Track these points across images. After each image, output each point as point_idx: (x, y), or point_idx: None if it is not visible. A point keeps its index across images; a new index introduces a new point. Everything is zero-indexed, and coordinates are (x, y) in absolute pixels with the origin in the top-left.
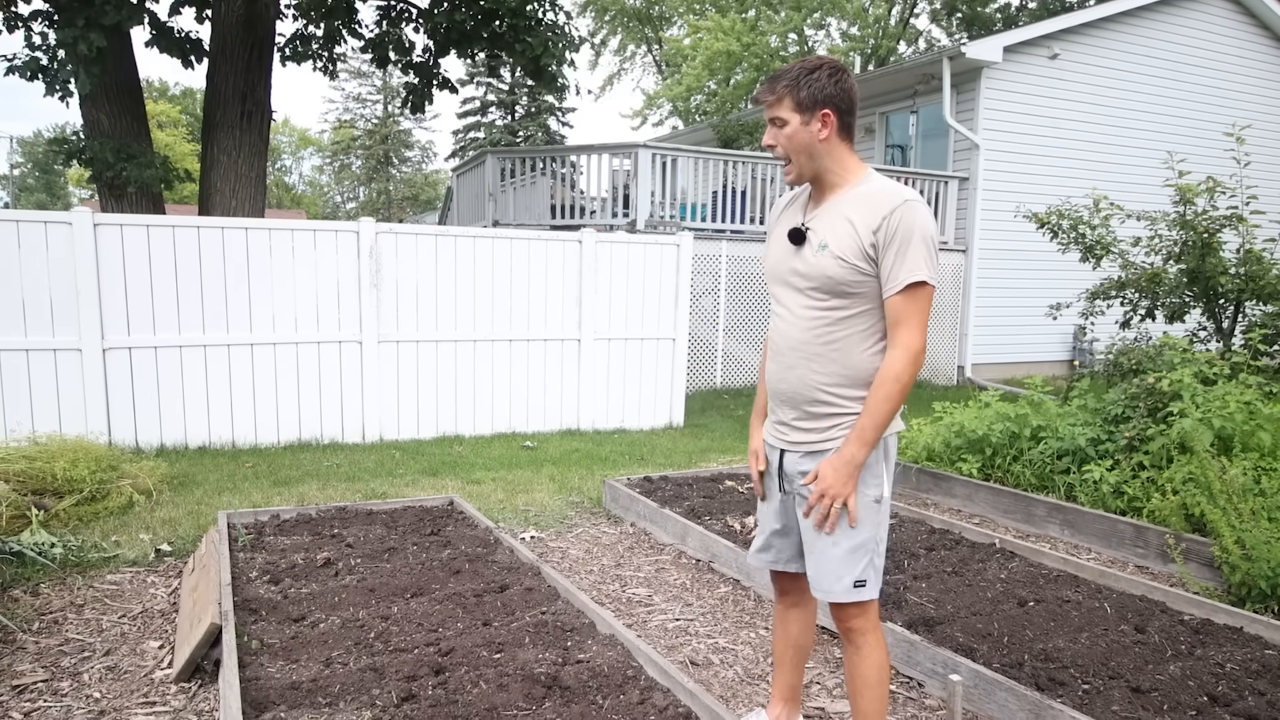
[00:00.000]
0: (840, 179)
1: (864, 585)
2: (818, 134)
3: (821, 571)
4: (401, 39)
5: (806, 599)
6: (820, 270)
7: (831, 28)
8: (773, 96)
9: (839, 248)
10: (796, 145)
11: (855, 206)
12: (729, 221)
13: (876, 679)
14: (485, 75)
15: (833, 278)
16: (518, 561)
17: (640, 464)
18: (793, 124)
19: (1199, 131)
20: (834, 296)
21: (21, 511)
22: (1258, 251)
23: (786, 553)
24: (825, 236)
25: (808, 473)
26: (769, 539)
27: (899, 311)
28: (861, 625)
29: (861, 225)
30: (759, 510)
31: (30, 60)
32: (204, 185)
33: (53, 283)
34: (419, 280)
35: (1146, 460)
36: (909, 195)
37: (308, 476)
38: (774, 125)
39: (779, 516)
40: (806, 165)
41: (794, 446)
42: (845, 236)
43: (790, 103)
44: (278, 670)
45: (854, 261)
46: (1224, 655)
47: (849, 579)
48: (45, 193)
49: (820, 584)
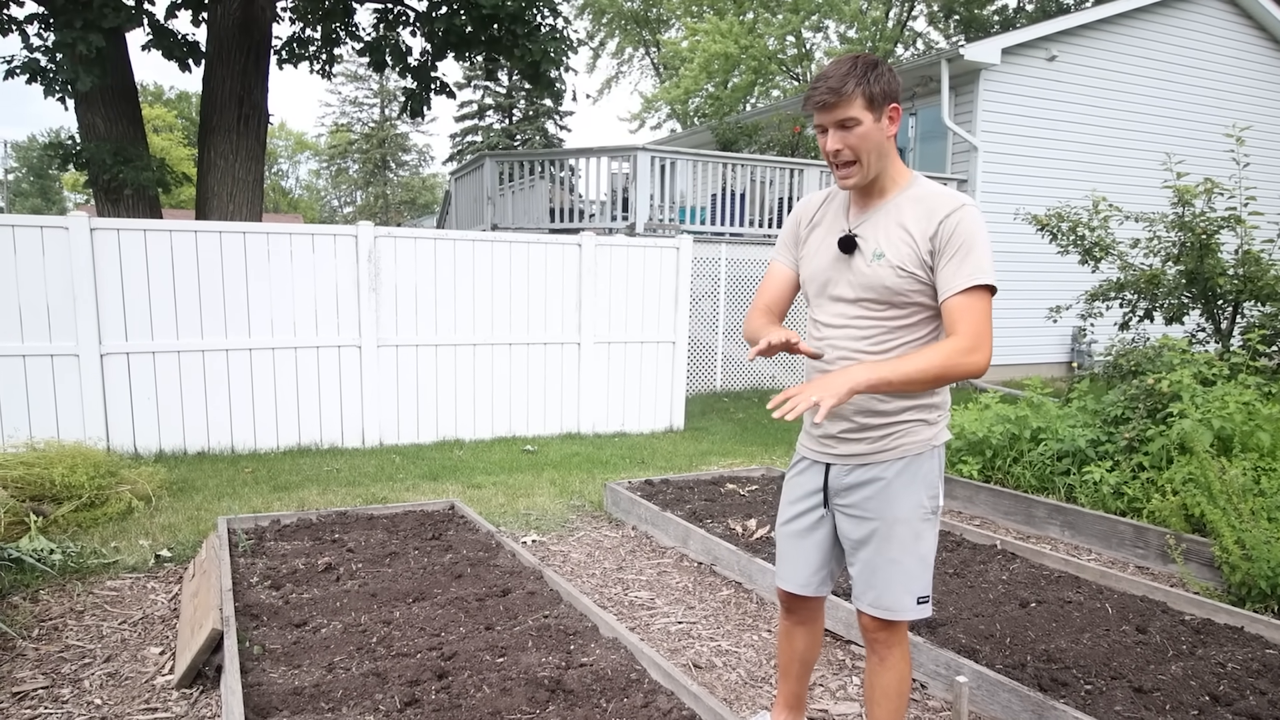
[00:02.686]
0: (892, 181)
1: (927, 600)
2: (887, 131)
3: (888, 589)
4: (399, 42)
5: (815, 617)
6: (877, 281)
7: (829, 30)
8: (842, 97)
9: (897, 257)
10: (871, 145)
11: (909, 212)
12: (728, 224)
13: (897, 690)
14: (483, 79)
15: (890, 288)
16: (519, 565)
17: (641, 467)
18: (866, 123)
19: (1197, 133)
20: (891, 306)
21: (20, 518)
22: (1256, 252)
23: (820, 575)
24: (880, 245)
25: (855, 487)
26: (801, 560)
27: (958, 312)
28: (893, 639)
29: (918, 232)
30: (787, 533)
31: (30, 62)
32: (201, 189)
33: (49, 288)
34: (418, 284)
35: (1146, 461)
36: (965, 199)
37: (308, 481)
38: (841, 128)
39: (814, 534)
40: (875, 166)
41: (842, 460)
42: (902, 245)
43: (863, 101)
44: (280, 676)
45: (912, 270)
46: (1225, 655)
47: (916, 594)
48: (40, 197)
49: (883, 602)
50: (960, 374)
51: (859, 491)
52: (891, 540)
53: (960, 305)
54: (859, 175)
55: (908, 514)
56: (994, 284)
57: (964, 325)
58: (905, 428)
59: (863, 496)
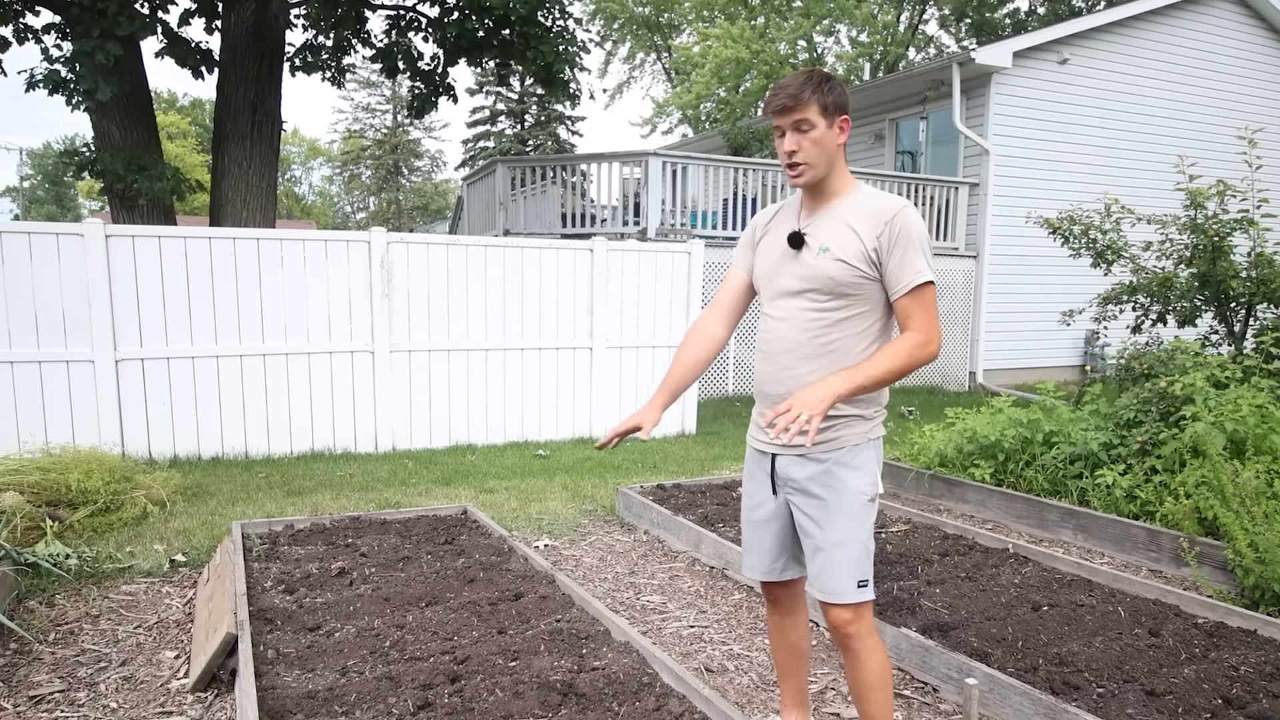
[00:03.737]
0: (839, 186)
1: (867, 584)
2: (837, 139)
3: (829, 574)
4: (411, 49)
5: (799, 605)
6: (822, 272)
7: (841, 34)
8: (799, 102)
9: (841, 251)
10: (822, 149)
11: (855, 214)
12: (740, 229)
13: (880, 681)
14: (495, 84)
15: (834, 279)
16: (532, 570)
17: (653, 472)
18: (819, 128)
19: (1209, 135)
20: (833, 298)
21: (36, 523)
22: (1269, 255)
23: (780, 561)
24: (826, 241)
25: (799, 476)
26: (762, 548)
27: (910, 309)
28: (859, 630)
29: (864, 231)
30: (746, 522)
31: (51, 73)
32: (215, 196)
33: (65, 294)
34: (431, 290)
35: (1159, 464)
36: (904, 202)
37: (321, 486)
38: (797, 130)
39: (771, 524)
40: (823, 170)
41: (787, 450)
42: (848, 240)
43: (817, 107)
44: (294, 679)
45: (856, 264)
46: (1238, 658)
47: (856, 578)
48: (55, 204)
49: (828, 587)
50: (919, 365)
51: (804, 480)
52: (835, 526)
53: (909, 304)
54: (809, 174)
55: (848, 500)
56: (933, 279)
57: (916, 321)
58: (844, 421)
59: (807, 485)
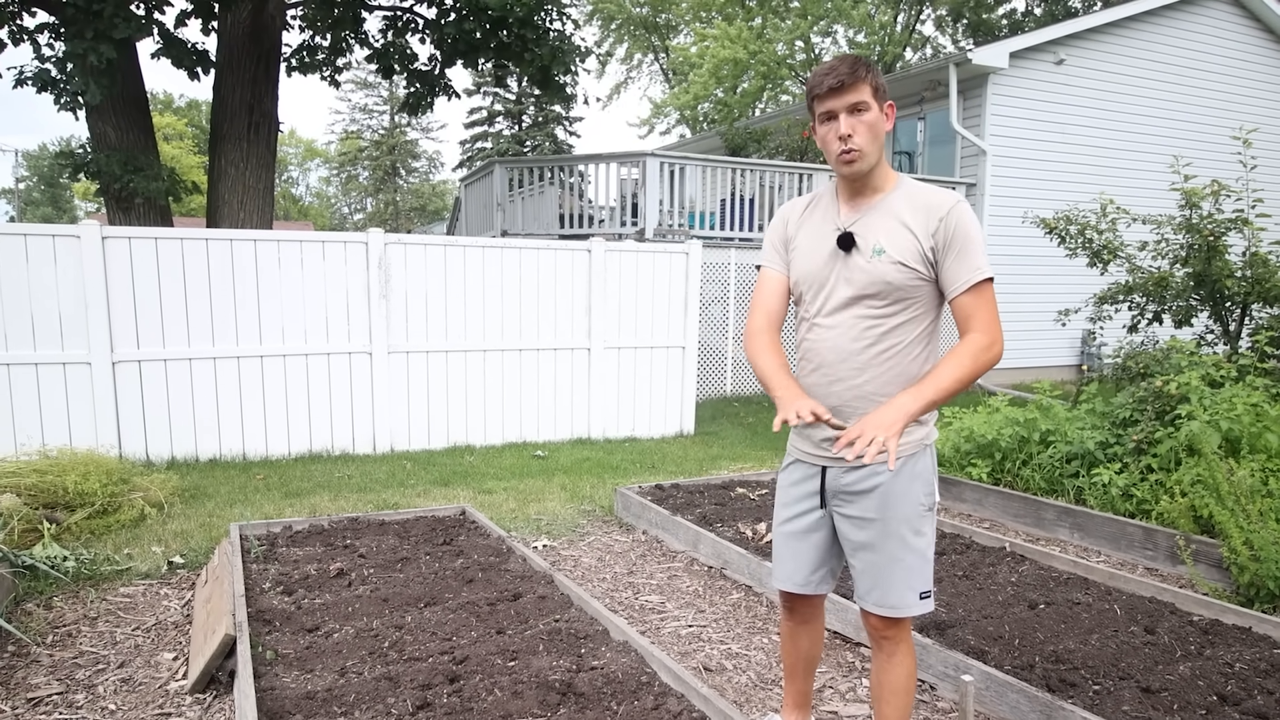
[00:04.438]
0: (883, 179)
1: (929, 595)
2: (886, 125)
3: (888, 587)
4: (408, 49)
5: (817, 616)
6: (879, 276)
7: (838, 35)
8: (857, 79)
9: (898, 252)
10: (875, 135)
11: (906, 208)
12: (738, 229)
13: (905, 687)
14: (492, 85)
15: (892, 283)
16: (530, 570)
17: (651, 472)
18: (874, 110)
19: (1205, 136)
20: (890, 303)
21: (34, 525)
22: (1264, 254)
23: (819, 574)
24: (880, 241)
25: (854, 489)
26: (800, 560)
27: (971, 308)
28: (899, 634)
29: (919, 228)
30: (785, 534)
31: (40, 72)
32: (212, 197)
33: (61, 296)
34: (428, 291)
35: (1155, 463)
36: (959, 196)
37: (319, 488)
38: (852, 112)
39: (813, 534)
40: (875, 158)
41: (838, 463)
42: (903, 240)
43: (870, 88)
44: (293, 680)
45: (914, 266)
46: (1233, 655)
47: (919, 590)
48: (51, 206)
49: (887, 600)
50: (987, 369)
51: (858, 493)
52: (892, 538)
53: (970, 303)
54: (863, 162)
55: (908, 512)
56: (993, 276)
57: (978, 321)
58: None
59: (862, 498)
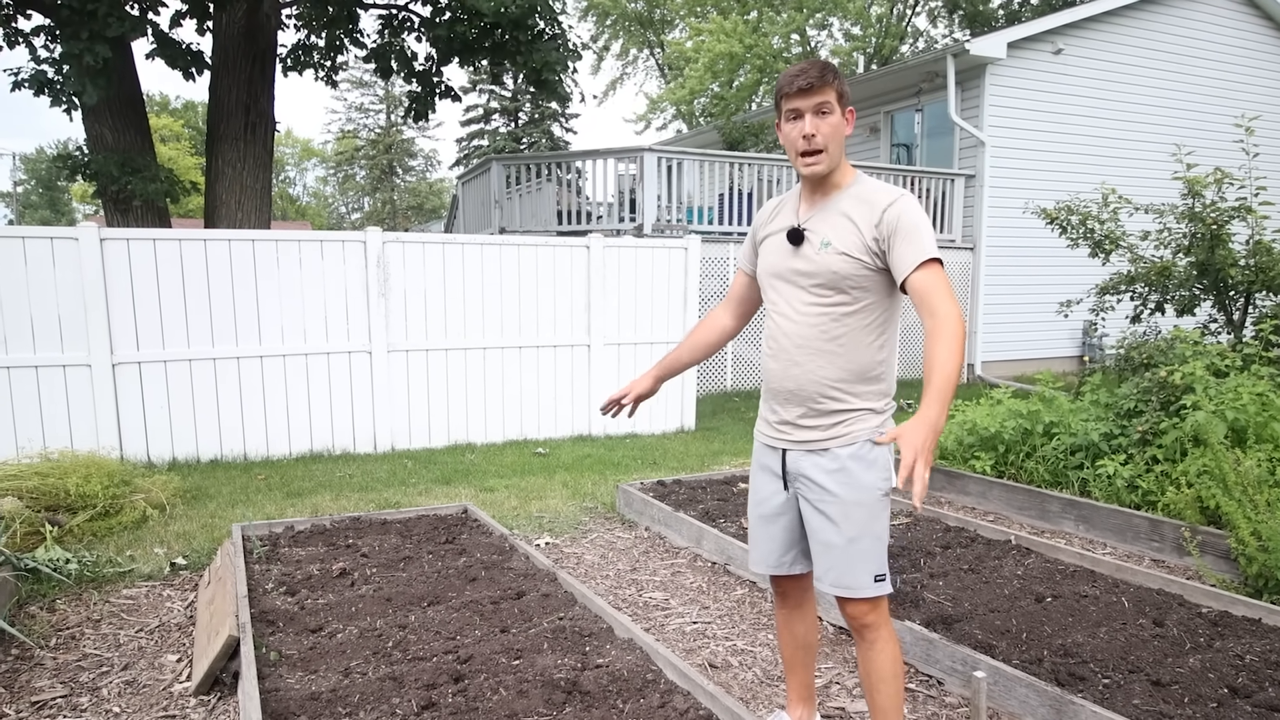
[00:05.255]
0: (841, 178)
1: (884, 578)
2: (845, 129)
3: (844, 568)
4: (403, 49)
5: (808, 599)
6: (825, 266)
7: (834, 27)
8: (824, 82)
9: (843, 244)
10: (838, 135)
11: (852, 205)
12: (736, 224)
13: (892, 673)
14: (488, 83)
15: (838, 273)
16: (533, 568)
17: (653, 468)
18: (837, 114)
19: (1206, 124)
20: (838, 292)
21: (36, 528)
22: (1267, 242)
23: (790, 555)
24: (827, 235)
25: (812, 472)
26: (771, 542)
27: (925, 284)
28: (875, 620)
29: (862, 222)
30: (755, 517)
31: (36, 74)
32: (209, 198)
33: (60, 299)
34: (427, 289)
35: (1160, 454)
36: (903, 192)
37: (321, 487)
38: (818, 114)
39: (781, 517)
40: (835, 159)
41: (798, 446)
42: (848, 233)
43: (835, 93)
44: (297, 681)
45: (858, 256)
46: (1243, 647)
47: (874, 572)
48: (49, 209)
49: (843, 581)
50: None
51: (817, 476)
52: (849, 521)
53: (923, 279)
54: (825, 162)
55: (864, 497)
56: (940, 258)
57: (936, 296)
58: (855, 415)
59: (821, 481)
